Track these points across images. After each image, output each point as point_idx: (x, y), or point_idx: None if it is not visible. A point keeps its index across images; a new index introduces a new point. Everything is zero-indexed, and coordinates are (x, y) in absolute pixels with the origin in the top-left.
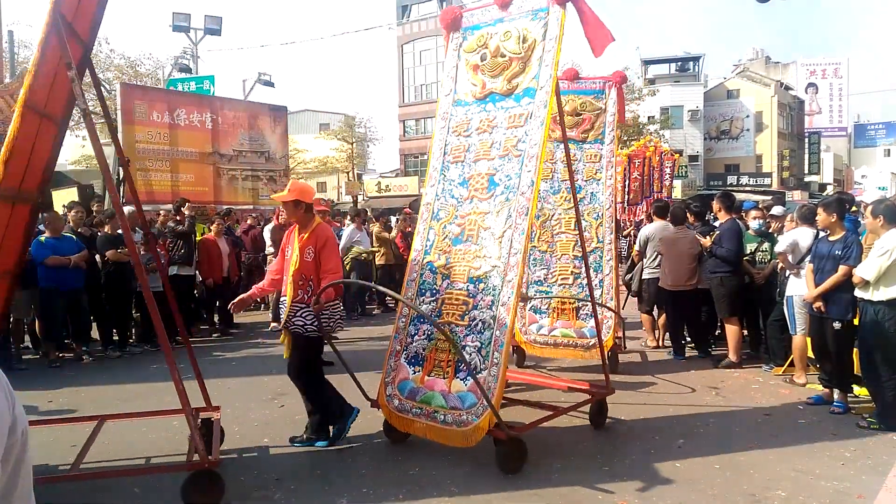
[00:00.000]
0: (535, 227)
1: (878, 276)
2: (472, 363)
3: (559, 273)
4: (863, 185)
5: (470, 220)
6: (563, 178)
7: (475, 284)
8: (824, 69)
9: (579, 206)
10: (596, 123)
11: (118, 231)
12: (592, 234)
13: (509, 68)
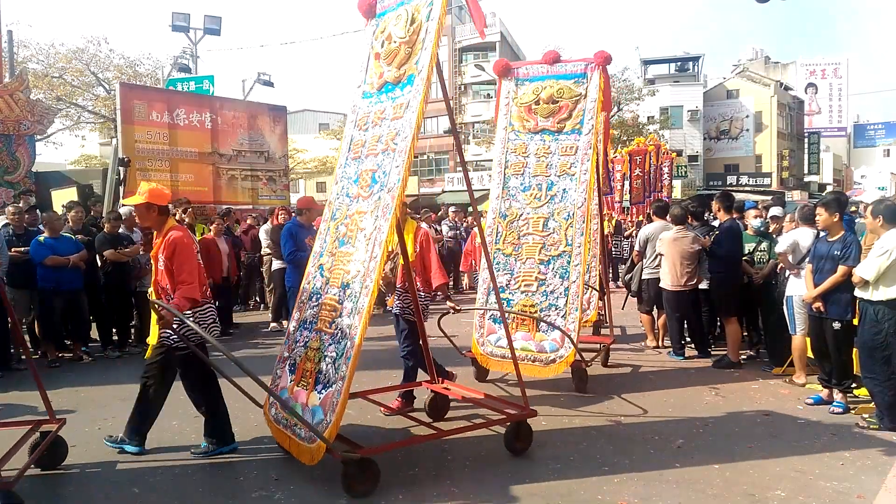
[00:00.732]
0: (502, 227)
1: (878, 276)
2: (326, 375)
3: (523, 279)
4: (862, 185)
5: (353, 220)
6: (534, 173)
7: (344, 290)
8: (824, 69)
9: (550, 204)
10: (574, 112)
11: (117, 230)
12: (561, 236)
13: (399, 55)
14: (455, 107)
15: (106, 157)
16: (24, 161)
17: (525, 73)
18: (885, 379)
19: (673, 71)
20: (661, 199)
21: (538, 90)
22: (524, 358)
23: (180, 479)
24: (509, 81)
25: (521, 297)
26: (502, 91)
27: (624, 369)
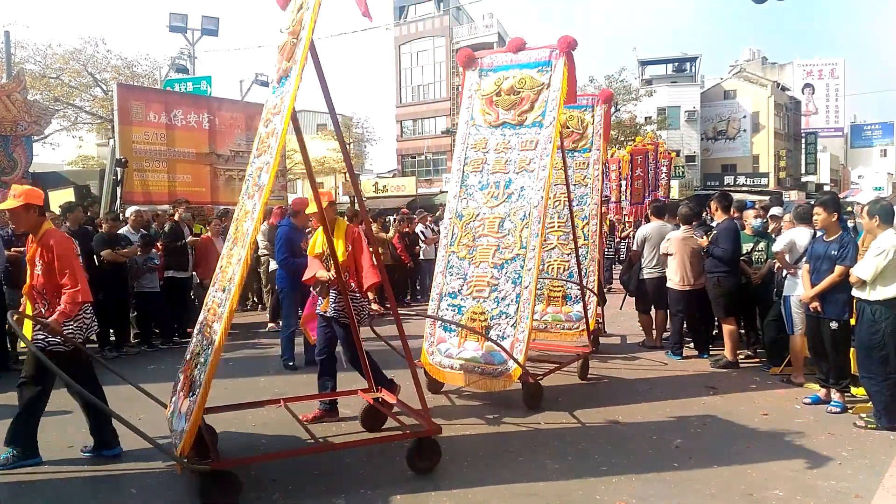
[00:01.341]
0: (457, 228)
1: (875, 276)
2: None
3: (475, 284)
4: (859, 185)
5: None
6: (493, 170)
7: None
8: (821, 70)
9: (507, 204)
10: (537, 103)
11: (115, 231)
12: (516, 238)
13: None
14: (453, 108)
15: (103, 157)
16: (21, 162)
17: (489, 63)
18: (882, 378)
19: (670, 71)
20: (659, 200)
21: (500, 80)
22: (473, 369)
23: (177, 480)
24: (473, 72)
25: (473, 303)
26: (466, 83)
27: (619, 374)
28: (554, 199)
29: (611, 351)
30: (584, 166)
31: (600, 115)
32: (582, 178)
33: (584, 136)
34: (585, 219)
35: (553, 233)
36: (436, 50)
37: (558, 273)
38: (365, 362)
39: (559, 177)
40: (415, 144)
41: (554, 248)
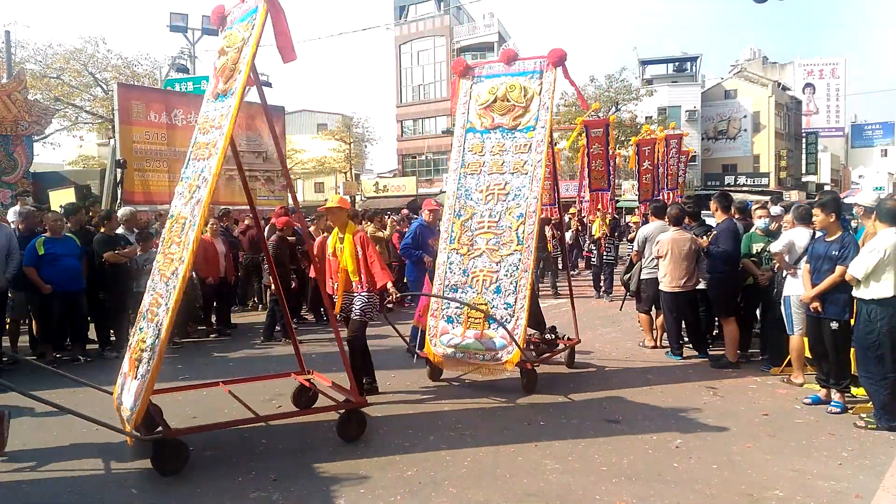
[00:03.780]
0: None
1: (868, 274)
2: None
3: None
4: (860, 185)
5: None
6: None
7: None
8: (821, 69)
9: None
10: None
11: (115, 231)
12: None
13: (513, 111)
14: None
15: (104, 157)
16: (22, 161)
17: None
18: (880, 378)
19: (671, 71)
20: (659, 199)
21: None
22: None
23: (179, 479)
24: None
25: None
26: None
27: (622, 369)
28: (486, 192)
29: (628, 371)
30: (524, 149)
31: (549, 82)
32: (521, 164)
33: (528, 112)
34: (521, 217)
35: (482, 235)
36: (436, 49)
37: (483, 287)
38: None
39: (494, 164)
40: (415, 144)
41: (481, 254)
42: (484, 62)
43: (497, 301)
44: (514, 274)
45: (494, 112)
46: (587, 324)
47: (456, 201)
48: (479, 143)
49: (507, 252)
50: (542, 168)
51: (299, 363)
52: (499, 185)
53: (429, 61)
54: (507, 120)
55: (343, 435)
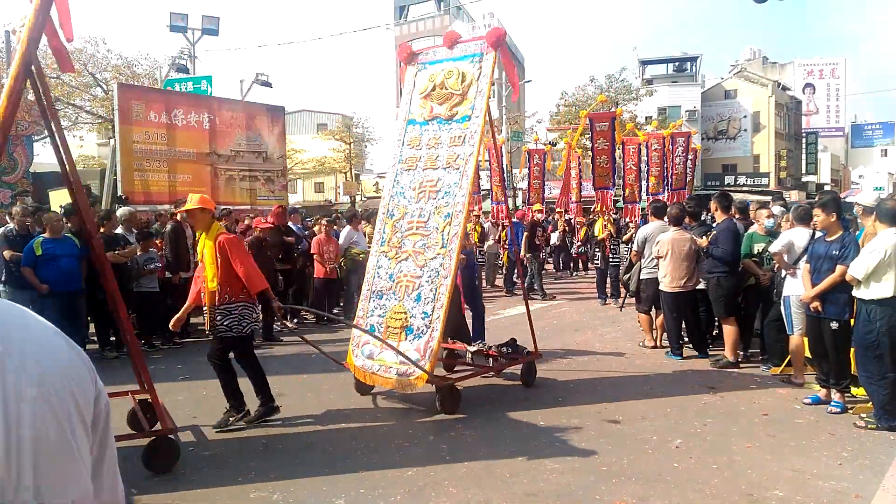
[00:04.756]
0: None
1: (868, 274)
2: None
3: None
4: (860, 185)
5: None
6: (425, 166)
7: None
8: (821, 69)
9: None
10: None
11: (114, 231)
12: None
13: (451, 99)
14: None
15: (104, 157)
16: (22, 161)
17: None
18: (879, 378)
19: (671, 71)
20: (660, 200)
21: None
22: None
23: (179, 479)
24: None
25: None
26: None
27: (622, 369)
28: (419, 190)
29: (627, 372)
30: (458, 142)
31: (489, 66)
32: (454, 158)
33: (465, 100)
34: (448, 217)
35: (410, 236)
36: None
37: (405, 294)
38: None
39: (429, 159)
40: None
41: (407, 258)
42: (429, 47)
43: (416, 310)
44: (435, 280)
45: (433, 101)
46: (587, 324)
47: (390, 200)
48: (418, 137)
49: (431, 255)
50: (475, 162)
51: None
52: (431, 181)
53: None
54: (444, 110)
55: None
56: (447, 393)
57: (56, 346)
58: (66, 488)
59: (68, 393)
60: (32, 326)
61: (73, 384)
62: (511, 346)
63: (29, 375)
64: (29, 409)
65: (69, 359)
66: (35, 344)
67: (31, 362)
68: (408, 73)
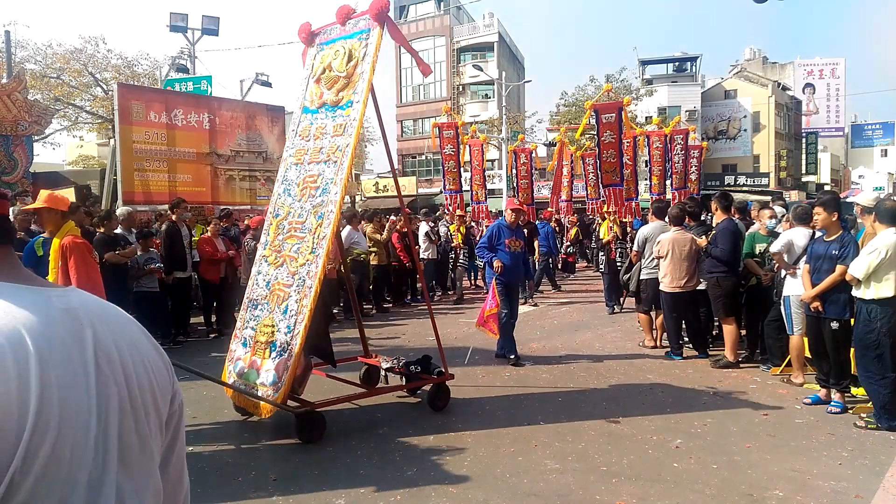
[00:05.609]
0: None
1: (868, 274)
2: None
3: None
4: (860, 185)
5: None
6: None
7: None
8: (821, 69)
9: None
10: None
11: (114, 231)
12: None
13: (337, 83)
14: (454, 107)
15: (104, 157)
16: (22, 161)
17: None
18: (880, 378)
19: (671, 71)
20: (662, 200)
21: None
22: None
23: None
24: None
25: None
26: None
27: (622, 369)
28: (302, 186)
29: (627, 371)
30: (340, 131)
31: (374, 43)
32: (334, 150)
33: (350, 83)
34: (321, 217)
35: (289, 238)
36: (436, 49)
37: (276, 305)
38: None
39: (314, 151)
40: (415, 144)
41: (283, 263)
42: (327, 25)
43: (282, 324)
44: (301, 290)
45: (323, 85)
46: (587, 324)
47: (277, 198)
48: (308, 126)
49: (302, 261)
50: (351, 154)
51: None
52: (312, 177)
53: (429, 61)
54: (331, 95)
55: None
56: (305, 421)
57: (142, 346)
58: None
59: (149, 392)
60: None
61: (154, 383)
62: (422, 364)
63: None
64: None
65: (153, 359)
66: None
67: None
68: (308, 55)
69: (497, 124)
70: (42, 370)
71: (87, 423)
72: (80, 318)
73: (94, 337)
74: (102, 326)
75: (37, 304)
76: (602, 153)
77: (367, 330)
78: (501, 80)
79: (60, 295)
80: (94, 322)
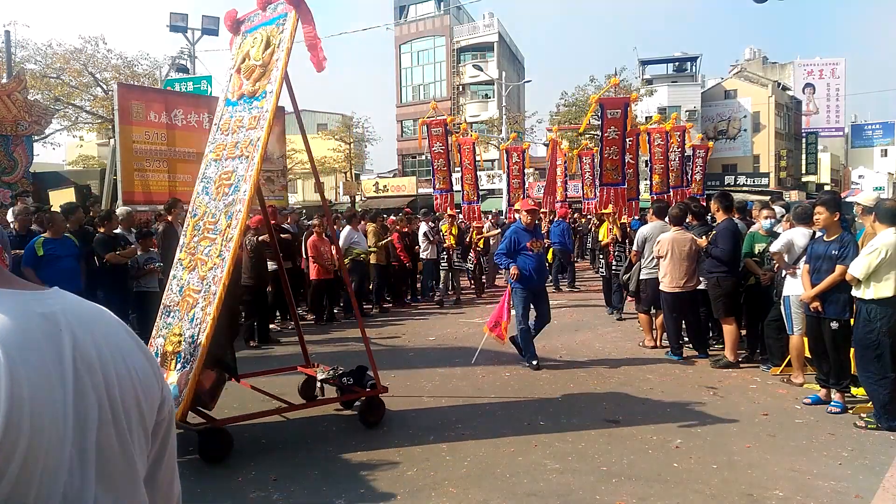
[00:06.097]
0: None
1: (868, 274)
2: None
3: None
4: (860, 185)
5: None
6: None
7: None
8: (821, 69)
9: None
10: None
11: (114, 231)
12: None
13: (255, 72)
14: (453, 107)
15: (104, 157)
16: (22, 161)
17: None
18: (880, 377)
19: (671, 71)
20: (662, 200)
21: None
22: None
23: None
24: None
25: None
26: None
27: (622, 369)
28: (218, 183)
29: (629, 372)
30: (253, 124)
31: (289, 29)
32: (248, 144)
33: (266, 72)
34: (230, 217)
35: (203, 240)
36: (436, 49)
37: (185, 312)
38: None
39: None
40: (415, 144)
41: (195, 267)
42: (252, 11)
43: (188, 332)
44: (206, 296)
45: (243, 75)
46: (587, 324)
47: (196, 196)
48: (228, 119)
49: (210, 265)
50: (262, 148)
51: None
52: (227, 173)
53: (429, 61)
54: (249, 85)
55: None
56: (206, 438)
57: (129, 351)
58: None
59: (134, 400)
60: (108, 328)
61: (139, 390)
62: (356, 375)
63: (98, 380)
64: (95, 414)
65: (140, 365)
66: (109, 348)
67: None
68: (234, 45)
69: (497, 124)
70: (12, 377)
71: (62, 433)
72: (58, 323)
73: (73, 342)
74: (84, 331)
75: (11, 308)
76: (605, 150)
77: (367, 330)
78: (501, 80)
79: (40, 298)
80: (74, 327)
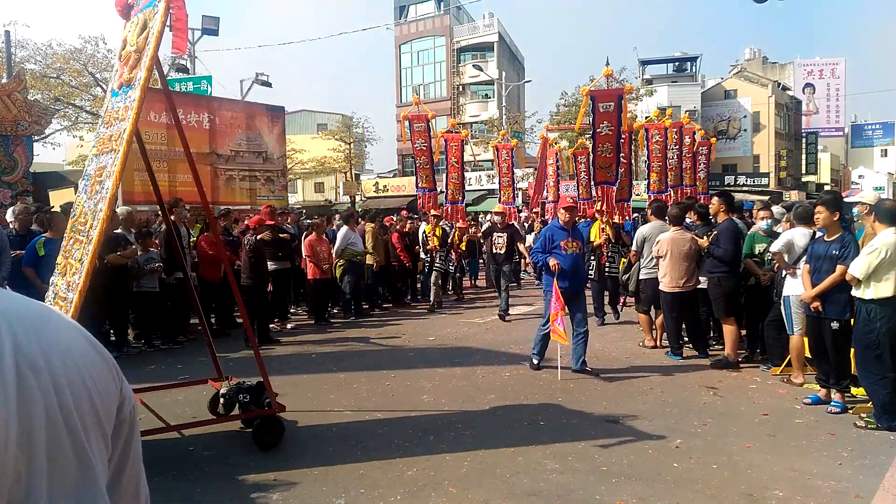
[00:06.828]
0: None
1: (868, 274)
2: None
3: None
4: (860, 185)
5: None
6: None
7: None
8: (821, 69)
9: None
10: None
11: (114, 231)
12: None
13: (131, 59)
14: (453, 107)
15: None
16: (22, 161)
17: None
18: (879, 377)
19: (671, 71)
20: (660, 200)
21: (126, 30)
22: None
23: (179, 478)
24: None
25: None
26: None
27: (622, 368)
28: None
29: (629, 371)
30: (124, 115)
31: (161, 10)
32: (117, 136)
33: (141, 59)
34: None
35: (76, 243)
36: (436, 49)
37: None
38: None
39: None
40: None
41: (66, 273)
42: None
43: None
44: (64, 304)
45: (122, 63)
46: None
47: (78, 195)
48: (110, 111)
49: (74, 270)
50: (127, 140)
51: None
52: (100, 169)
53: (429, 61)
54: (127, 73)
55: None
56: None
57: (80, 352)
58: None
59: (88, 403)
60: (56, 329)
61: (94, 392)
62: (252, 393)
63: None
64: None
65: (94, 365)
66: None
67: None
68: (123, 32)
69: (497, 124)
70: None
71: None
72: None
73: (14, 345)
74: (27, 333)
75: None
76: (597, 146)
77: (367, 330)
78: (501, 80)
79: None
80: (15, 328)
